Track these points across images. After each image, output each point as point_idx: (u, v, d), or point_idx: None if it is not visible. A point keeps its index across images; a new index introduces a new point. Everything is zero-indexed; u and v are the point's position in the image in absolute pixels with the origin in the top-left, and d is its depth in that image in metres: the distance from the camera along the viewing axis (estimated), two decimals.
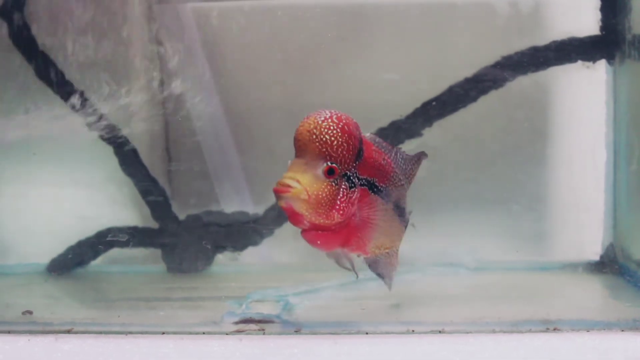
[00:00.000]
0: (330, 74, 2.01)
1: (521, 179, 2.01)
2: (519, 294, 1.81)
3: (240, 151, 2.06)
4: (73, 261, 2.03)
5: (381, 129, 1.89)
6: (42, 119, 1.99)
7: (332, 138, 1.33)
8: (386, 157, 1.47)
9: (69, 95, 1.97)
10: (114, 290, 1.96)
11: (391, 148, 1.51)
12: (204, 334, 1.57)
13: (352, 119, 1.36)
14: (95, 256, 2.03)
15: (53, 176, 2.06)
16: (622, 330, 1.54)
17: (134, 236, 2.00)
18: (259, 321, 1.58)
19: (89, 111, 1.98)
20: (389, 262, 1.55)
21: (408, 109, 1.94)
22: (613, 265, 1.96)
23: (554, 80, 2.00)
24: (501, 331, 1.54)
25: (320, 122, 1.33)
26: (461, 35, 1.99)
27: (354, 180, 1.37)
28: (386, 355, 1.44)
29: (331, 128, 1.33)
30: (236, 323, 1.58)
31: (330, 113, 1.34)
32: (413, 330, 1.54)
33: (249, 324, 1.58)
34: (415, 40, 2.01)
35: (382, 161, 1.45)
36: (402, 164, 1.52)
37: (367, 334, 1.54)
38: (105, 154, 2.01)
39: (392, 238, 1.50)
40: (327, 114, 1.34)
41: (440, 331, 1.54)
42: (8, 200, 2.07)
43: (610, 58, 1.95)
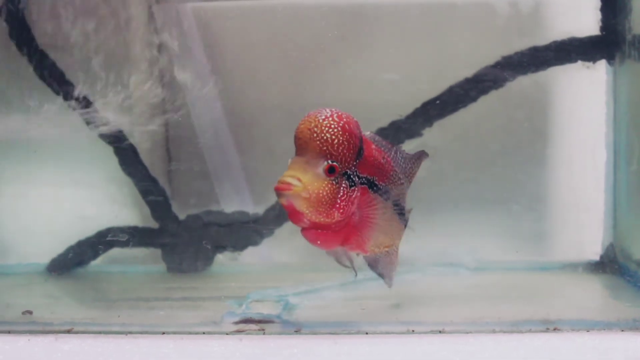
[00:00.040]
0: (330, 74, 2.01)
1: (521, 179, 2.01)
2: (519, 294, 1.81)
3: (240, 151, 2.06)
4: (73, 261, 2.03)
5: (381, 129, 1.89)
6: (42, 119, 1.99)
7: (333, 137, 1.33)
8: (386, 156, 1.47)
9: (68, 95, 1.97)
10: (114, 290, 1.96)
11: (391, 147, 1.51)
12: (204, 334, 1.56)
13: (353, 118, 1.36)
14: (95, 256, 2.03)
15: (53, 176, 2.05)
16: (622, 330, 1.54)
17: (134, 236, 2.00)
18: (259, 321, 1.58)
19: (89, 111, 1.98)
20: (388, 261, 1.55)
21: (408, 109, 1.94)
22: (613, 265, 1.96)
23: (554, 80, 2.00)
24: (501, 331, 1.54)
25: (321, 121, 1.33)
26: (461, 35, 1.98)
27: (354, 179, 1.37)
28: (386, 355, 1.44)
29: (332, 126, 1.33)
30: (236, 323, 1.58)
31: (331, 111, 1.34)
32: (413, 330, 1.54)
33: (249, 324, 1.57)
34: (415, 40, 2.01)
35: (382, 160, 1.45)
36: (402, 163, 1.52)
37: (367, 334, 1.54)
38: (105, 153, 2.01)
39: (392, 237, 1.50)
40: (328, 113, 1.34)
41: (440, 331, 1.54)
42: (8, 200, 2.07)
43: (610, 58, 1.95)
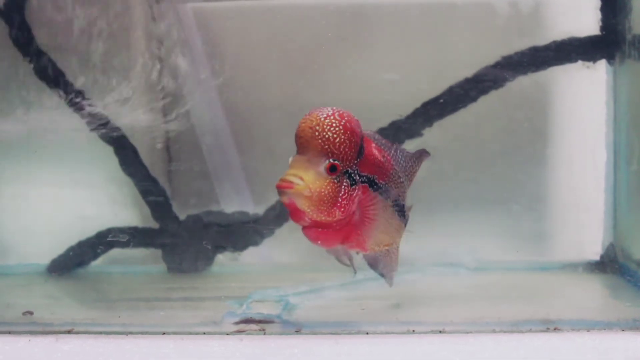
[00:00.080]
0: (331, 74, 2.01)
1: (521, 179, 2.01)
2: (519, 294, 1.81)
3: (240, 151, 2.06)
4: (73, 261, 2.03)
5: (381, 129, 1.89)
6: (42, 119, 1.99)
7: (335, 135, 1.33)
8: (386, 155, 1.47)
9: (68, 95, 1.97)
10: (115, 290, 1.96)
11: (390, 145, 1.51)
12: (204, 334, 1.56)
13: (354, 116, 1.36)
14: (95, 256, 2.03)
15: (53, 176, 2.05)
16: (622, 330, 1.54)
17: (135, 236, 2.00)
18: (260, 321, 1.58)
19: (89, 111, 1.98)
20: (388, 259, 1.55)
21: (408, 109, 1.94)
22: (613, 265, 1.96)
23: (554, 80, 2.00)
24: (501, 331, 1.54)
25: (322, 119, 1.33)
26: (461, 35, 1.98)
27: (355, 178, 1.37)
28: (386, 355, 1.44)
29: (333, 125, 1.33)
30: (236, 323, 1.58)
31: (332, 110, 1.34)
32: (413, 330, 1.54)
33: (250, 324, 1.57)
34: (415, 40, 2.01)
35: (382, 158, 1.45)
36: (402, 161, 1.52)
37: (368, 334, 1.54)
38: (106, 153, 2.01)
39: (392, 235, 1.50)
40: (329, 111, 1.34)
41: (440, 331, 1.54)
42: (8, 200, 2.07)
43: (610, 58, 1.95)
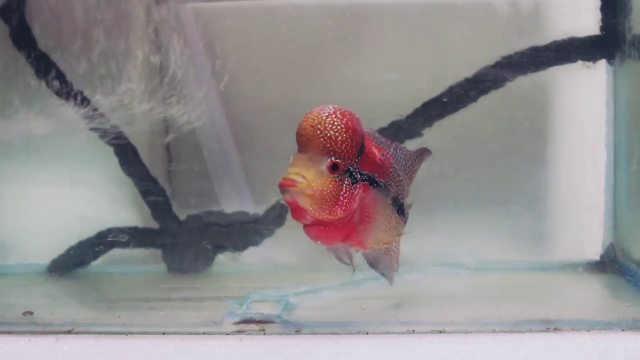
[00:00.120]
0: (331, 74, 2.01)
1: (521, 179, 2.01)
2: (519, 294, 1.81)
3: (240, 151, 2.06)
4: (73, 261, 2.03)
5: (381, 129, 1.89)
6: (42, 119, 1.99)
7: (337, 134, 1.33)
8: (385, 153, 1.47)
9: (68, 95, 1.97)
10: (115, 290, 1.96)
11: (390, 144, 1.51)
12: (204, 334, 1.56)
13: (355, 115, 1.36)
14: (95, 256, 2.03)
15: (53, 176, 2.06)
16: (623, 330, 1.54)
17: (135, 236, 2.00)
18: (260, 321, 1.58)
19: (89, 111, 1.98)
20: (388, 258, 1.55)
21: (408, 109, 1.94)
22: (613, 265, 1.96)
23: (554, 80, 2.00)
24: (501, 331, 1.54)
25: (324, 118, 1.33)
26: (461, 35, 1.99)
27: (356, 176, 1.37)
28: (386, 355, 1.44)
29: (335, 124, 1.33)
30: (236, 323, 1.58)
31: (333, 109, 1.34)
32: (413, 330, 1.54)
33: (250, 324, 1.57)
34: (415, 40, 2.01)
35: (382, 157, 1.45)
36: (402, 160, 1.52)
37: (368, 334, 1.54)
38: (106, 154, 2.01)
39: (391, 233, 1.50)
40: (331, 110, 1.34)
41: (440, 331, 1.54)
42: (8, 200, 2.07)
43: (610, 58, 1.95)
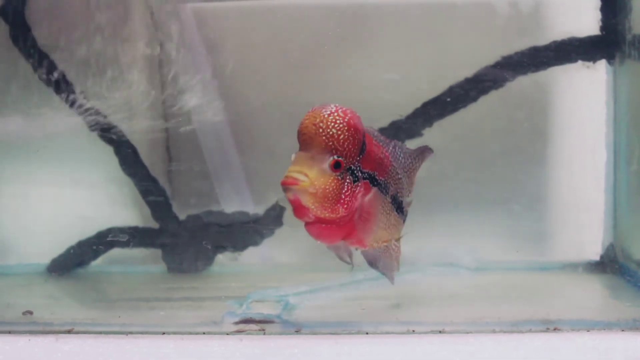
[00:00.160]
0: (331, 74, 2.01)
1: (521, 179, 2.01)
2: (519, 294, 1.81)
3: (240, 151, 2.06)
4: (73, 261, 2.03)
5: (381, 129, 1.89)
6: (42, 119, 1.99)
7: (339, 132, 1.32)
8: (384, 151, 1.47)
9: (68, 95, 1.97)
10: (115, 290, 1.96)
11: (388, 142, 1.51)
12: (204, 334, 1.56)
13: (356, 113, 1.36)
14: (95, 256, 2.03)
15: (53, 176, 2.05)
16: (622, 330, 1.54)
17: (135, 236, 2.00)
18: (260, 321, 1.58)
19: (89, 111, 1.98)
20: (388, 256, 1.56)
21: (408, 109, 1.94)
22: (613, 265, 1.96)
23: (554, 80, 1.99)
24: (501, 331, 1.54)
25: (326, 116, 1.33)
26: (461, 35, 1.98)
27: (357, 174, 1.37)
28: (386, 355, 1.44)
29: (337, 122, 1.33)
30: (236, 323, 1.58)
31: (335, 107, 1.34)
32: (413, 330, 1.54)
33: (250, 324, 1.58)
34: (415, 40, 2.01)
35: (381, 155, 1.45)
36: (400, 158, 1.52)
37: (367, 334, 1.54)
38: (106, 153, 2.01)
39: (390, 231, 1.50)
40: (333, 108, 1.34)
41: (440, 331, 1.54)
42: (8, 200, 2.07)
43: (610, 58, 1.95)
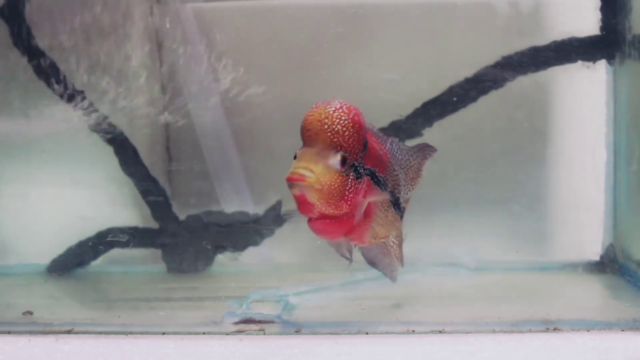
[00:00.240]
0: (331, 74, 2.01)
1: (521, 179, 2.01)
2: (519, 294, 1.81)
3: (240, 151, 2.06)
4: (73, 261, 2.03)
5: (381, 129, 1.89)
6: (42, 119, 1.99)
7: (344, 128, 1.33)
8: (382, 147, 1.47)
9: (68, 95, 1.97)
10: (114, 290, 1.96)
11: (386, 138, 1.51)
12: (204, 334, 1.57)
13: (359, 110, 1.37)
14: (95, 256, 2.03)
15: (53, 176, 2.06)
16: (622, 330, 1.54)
17: (134, 236, 2.00)
18: (259, 321, 1.58)
19: (89, 111, 1.98)
20: (386, 252, 1.56)
21: (408, 109, 1.94)
22: (613, 265, 1.96)
23: (554, 80, 1.99)
24: (501, 331, 1.54)
25: (331, 112, 1.33)
26: (461, 35, 1.99)
27: (360, 171, 1.37)
28: (386, 355, 1.44)
29: (342, 118, 1.33)
30: (236, 323, 1.58)
31: (339, 103, 1.34)
32: (413, 330, 1.54)
33: (249, 324, 1.58)
34: (415, 40, 2.01)
35: (381, 151, 1.45)
36: (397, 154, 1.52)
37: (367, 334, 1.54)
38: (106, 154, 2.01)
39: (388, 228, 1.51)
40: (337, 104, 1.34)
41: (440, 331, 1.54)
42: (8, 200, 2.07)
43: (610, 58, 1.95)
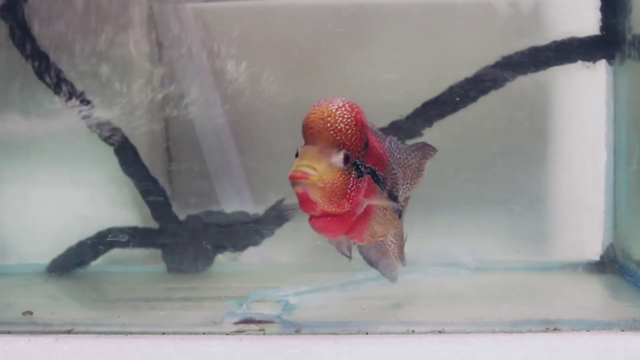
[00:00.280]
0: (331, 74, 2.01)
1: (521, 179, 2.01)
2: (519, 294, 1.81)
3: (240, 151, 2.06)
4: (73, 261, 2.03)
5: (381, 129, 1.89)
6: (42, 119, 1.99)
7: (347, 127, 1.32)
8: (381, 146, 1.47)
9: (68, 95, 1.97)
10: (114, 290, 1.96)
11: (384, 137, 1.51)
12: (204, 334, 1.56)
13: (361, 108, 1.37)
14: (95, 256, 2.03)
15: (53, 176, 2.06)
16: (622, 330, 1.54)
17: (134, 236, 2.00)
18: (259, 321, 1.58)
19: (89, 111, 1.98)
20: (383, 251, 1.56)
21: (408, 109, 1.94)
22: (613, 265, 1.96)
23: (554, 80, 2.00)
24: (501, 331, 1.54)
25: (334, 110, 1.33)
26: (461, 35, 1.99)
27: (361, 169, 1.37)
28: (386, 355, 1.44)
29: (345, 117, 1.33)
30: (236, 323, 1.58)
31: (342, 102, 1.34)
32: (413, 330, 1.54)
33: (249, 324, 1.58)
34: (415, 40, 2.01)
35: (380, 150, 1.45)
36: (396, 153, 1.52)
37: (367, 334, 1.54)
38: (106, 153, 2.01)
39: (386, 226, 1.50)
40: (340, 103, 1.34)
41: (440, 331, 1.54)
42: (8, 200, 2.07)
43: (610, 58, 1.95)
